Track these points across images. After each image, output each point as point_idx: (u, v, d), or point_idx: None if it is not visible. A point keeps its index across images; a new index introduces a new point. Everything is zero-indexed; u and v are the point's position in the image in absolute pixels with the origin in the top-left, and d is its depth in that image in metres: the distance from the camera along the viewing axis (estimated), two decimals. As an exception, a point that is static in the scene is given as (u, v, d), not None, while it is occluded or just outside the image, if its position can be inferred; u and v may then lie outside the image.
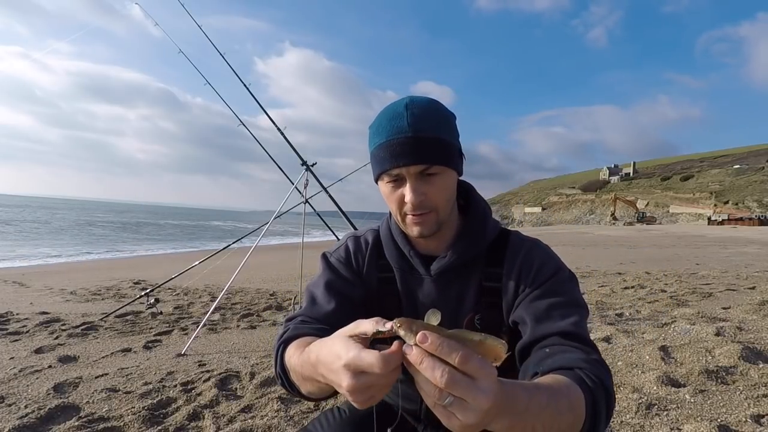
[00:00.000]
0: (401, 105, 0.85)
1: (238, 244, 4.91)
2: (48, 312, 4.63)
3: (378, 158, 0.86)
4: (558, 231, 40.64)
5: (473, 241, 0.92)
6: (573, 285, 0.88)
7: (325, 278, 0.98)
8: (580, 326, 0.80)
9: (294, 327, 0.87)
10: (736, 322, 3.58)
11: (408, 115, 0.83)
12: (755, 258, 10.70)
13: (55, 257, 14.56)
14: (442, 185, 0.85)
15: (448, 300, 0.94)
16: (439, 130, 0.84)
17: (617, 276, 7.36)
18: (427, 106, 0.85)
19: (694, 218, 70.25)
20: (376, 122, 0.87)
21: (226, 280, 3.96)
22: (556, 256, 0.92)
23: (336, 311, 0.91)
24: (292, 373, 0.77)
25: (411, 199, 0.84)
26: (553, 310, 0.82)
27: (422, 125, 0.82)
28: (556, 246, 15.78)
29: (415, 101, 0.85)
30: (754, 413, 2.03)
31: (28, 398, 2.36)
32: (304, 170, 3.94)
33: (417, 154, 0.82)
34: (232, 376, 2.72)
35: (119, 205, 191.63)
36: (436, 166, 0.83)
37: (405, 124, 0.82)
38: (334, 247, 1.06)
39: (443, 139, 0.84)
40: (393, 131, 0.83)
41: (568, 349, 0.75)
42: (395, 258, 0.97)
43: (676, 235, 25.21)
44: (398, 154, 0.82)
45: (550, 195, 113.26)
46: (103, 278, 7.66)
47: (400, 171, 0.83)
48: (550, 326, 0.80)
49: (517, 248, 0.93)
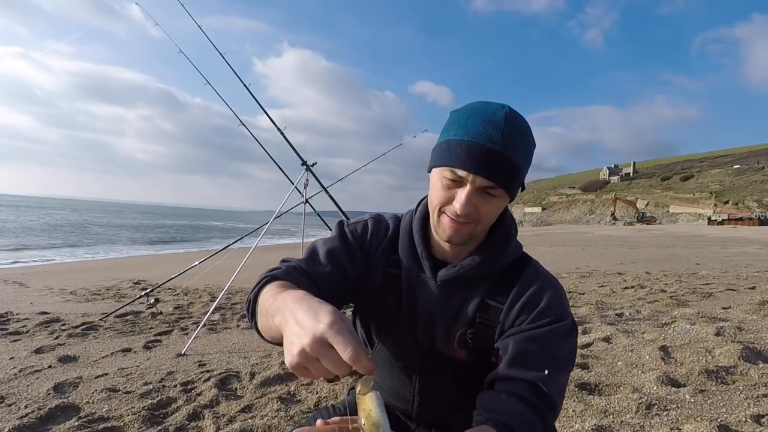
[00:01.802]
0: (501, 113, 0.79)
1: (238, 244, 4.91)
2: (48, 312, 4.63)
3: (451, 151, 0.80)
4: (558, 231, 40.64)
5: (488, 260, 0.89)
6: (567, 338, 0.85)
7: (332, 244, 0.96)
8: (549, 382, 0.79)
9: (285, 269, 0.85)
10: (736, 322, 3.59)
11: (505, 129, 0.78)
12: (755, 258, 10.70)
13: (55, 257, 14.56)
14: (495, 206, 0.83)
15: (448, 309, 0.92)
16: (523, 156, 0.81)
17: (617, 276, 7.36)
18: (523, 128, 0.81)
19: (694, 218, 70.24)
20: (466, 115, 0.81)
21: (226, 280, 3.96)
22: (565, 302, 0.89)
23: (328, 276, 0.90)
24: (260, 301, 0.77)
25: (461, 207, 0.80)
26: (533, 358, 0.81)
27: (513, 146, 0.78)
28: (556, 246, 15.82)
29: (515, 118, 0.80)
30: (754, 413, 2.03)
31: (28, 398, 2.36)
32: (304, 170, 3.94)
33: (493, 170, 0.78)
34: (232, 376, 2.72)
35: (119, 205, 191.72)
36: (501, 189, 0.80)
37: (498, 136, 0.77)
38: (354, 219, 1.03)
39: (521, 167, 0.81)
40: (483, 136, 0.78)
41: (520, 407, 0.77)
42: (407, 255, 0.94)
43: (676, 235, 25.21)
44: (476, 161, 0.77)
45: (550, 195, 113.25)
46: (103, 278, 7.66)
47: (466, 175, 0.79)
48: (522, 373, 0.80)
49: (530, 280, 0.89)
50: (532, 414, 0.77)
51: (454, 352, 0.92)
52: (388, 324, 0.97)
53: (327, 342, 0.54)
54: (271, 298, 0.72)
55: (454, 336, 0.92)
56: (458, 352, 0.92)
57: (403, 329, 0.96)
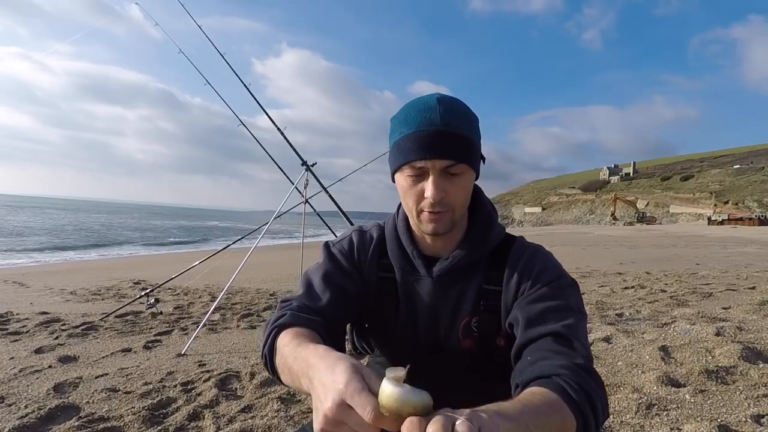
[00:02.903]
0: (433, 99, 0.83)
1: (238, 244, 4.91)
2: (48, 312, 4.63)
3: (403, 149, 0.83)
4: (558, 231, 40.63)
5: (477, 245, 0.91)
6: (573, 290, 0.87)
7: (324, 268, 0.97)
8: (572, 328, 0.78)
9: (291, 315, 0.84)
10: (736, 322, 3.58)
11: (441, 109, 0.81)
12: (755, 258, 10.70)
13: (55, 257, 14.57)
14: (463, 185, 0.85)
15: (447, 302, 0.94)
16: (470, 129, 0.84)
17: (617, 276, 7.36)
18: (457, 104, 0.85)
19: (694, 218, 70.24)
20: (403, 113, 0.85)
21: (226, 280, 3.96)
22: (558, 263, 0.91)
23: (331, 303, 0.91)
24: (279, 358, 0.76)
25: (432, 194, 0.81)
26: (547, 314, 0.81)
27: (454, 121, 0.81)
28: (556, 246, 15.82)
29: (446, 98, 0.84)
30: (754, 413, 2.03)
31: (28, 398, 2.36)
32: (304, 170, 3.94)
33: (447, 148, 0.80)
34: (232, 376, 2.72)
35: (119, 206, 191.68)
36: (461, 164, 0.82)
37: (437, 117, 0.81)
38: (338, 237, 1.05)
39: (471, 138, 0.83)
40: (424, 122, 0.81)
41: (550, 355, 0.74)
42: (397, 257, 0.96)
43: (676, 235, 25.21)
44: (427, 146, 0.80)
45: (550, 195, 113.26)
46: (103, 278, 7.66)
47: (425, 164, 0.81)
48: (541, 329, 0.79)
49: (519, 253, 0.92)
50: (563, 359, 0.73)
51: (459, 343, 0.93)
52: (389, 328, 0.98)
53: (347, 404, 0.52)
54: (291, 356, 0.70)
55: (458, 327, 0.93)
56: (464, 342, 0.93)
57: (404, 331, 0.96)
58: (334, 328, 0.88)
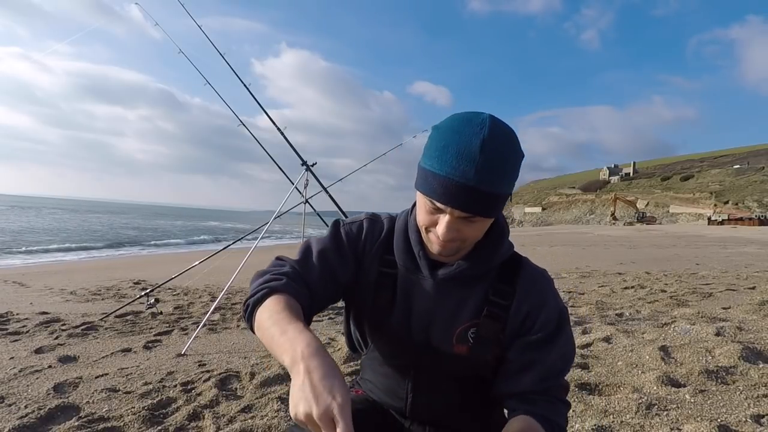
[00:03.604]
0: (477, 141, 0.75)
1: (238, 244, 4.91)
2: (48, 312, 4.63)
3: (429, 183, 0.80)
4: (558, 231, 40.63)
5: (485, 259, 0.91)
6: (568, 329, 0.94)
7: (324, 244, 0.97)
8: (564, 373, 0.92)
9: (287, 282, 0.87)
10: (736, 322, 3.59)
11: (480, 162, 0.75)
12: (755, 258, 10.70)
13: (55, 257, 14.57)
14: (478, 228, 0.84)
15: (445, 306, 0.94)
16: (503, 184, 0.79)
17: (617, 276, 7.36)
18: (503, 155, 0.77)
19: (694, 218, 70.23)
20: (442, 140, 0.79)
21: (226, 280, 3.96)
22: (558, 294, 0.97)
23: (321, 281, 0.93)
24: (262, 315, 0.80)
25: (443, 234, 0.82)
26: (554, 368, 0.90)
27: (489, 179, 0.76)
28: (556, 246, 15.83)
29: (495, 141, 0.76)
30: (754, 413, 2.03)
31: (28, 398, 2.36)
32: (304, 170, 3.95)
33: (471, 205, 0.78)
34: (232, 376, 2.72)
35: (119, 206, 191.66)
36: (480, 216, 0.81)
37: (472, 171, 0.75)
38: (350, 219, 1.05)
39: (501, 195, 0.79)
40: (457, 172, 0.76)
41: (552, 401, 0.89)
42: (402, 255, 0.95)
43: (676, 235, 25.21)
44: (452, 197, 0.77)
45: (550, 195, 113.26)
46: (103, 278, 7.66)
47: (444, 207, 0.79)
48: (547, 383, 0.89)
49: (531, 278, 0.95)
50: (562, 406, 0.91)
51: (452, 348, 0.93)
52: (381, 322, 0.98)
53: (333, 419, 0.61)
54: (277, 326, 0.75)
55: (452, 333, 0.93)
56: (457, 348, 0.93)
57: (397, 327, 0.96)
58: (316, 304, 0.92)
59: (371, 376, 1.07)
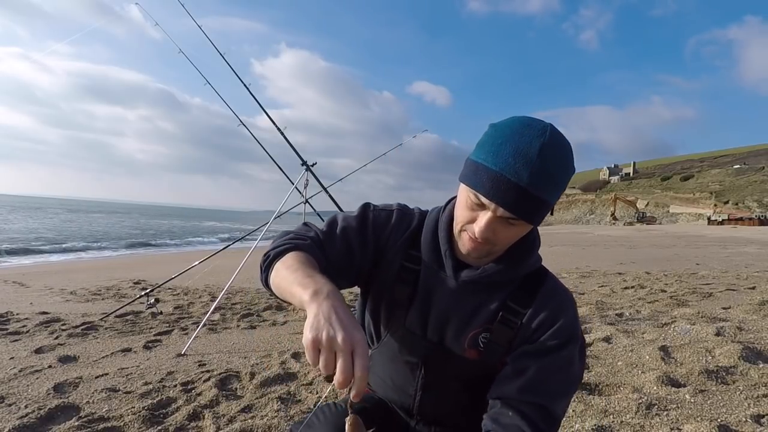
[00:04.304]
0: (536, 145, 0.75)
1: (238, 244, 4.91)
2: (48, 312, 4.62)
3: (479, 176, 0.79)
4: (558, 231, 40.63)
5: (512, 267, 0.90)
6: (578, 355, 0.90)
7: (349, 222, 0.97)
8: (558, 405, 0.87)
9: (312, 243, 0.90)
10: (736, 322, 3.58)
11: (536, 165, 0.75)
12: (755, 258, 10.70)
13: (55, 257, 14.58)
14: (515, 233, 0.83)
15: (464, 309, 0.93)
16: (551, 193, 0.78)
17: (617, 276, 7.36)
18: (558, 162, 0.77)
19: (694, 218, 70.22)
20: (500, 137, 0.78)
21: (226, 280, 3.96)
22: (577, 318, 0.94)
23: (337, 254, 0.93)
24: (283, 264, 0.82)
25: (480, 231, 0.81)
26: (547, 385, 0.86)
27: (541, 184, 0.76)
28: (556, 246, 15.83)
29: (553, 147, 0.76)
30: (754, 413, 2.03)
31: (28, 398, 2.36)
32: (304, 170, 3.94)
33: (517, 206, 0.77)
34: (232, 376, 2.72)
35: (119, 206, 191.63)
36: (522, 220, 0.80)
37: (526, 173, 0.74)
38: (382, 205, 1.03)
39: (547, 202, 0.79)
40: (511, 170, 0.75)
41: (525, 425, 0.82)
42: (429, 251, 0.95)
43: (676, 235, 25.21)
44: (500, 194, 0.76)
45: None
46: (103, 278, 7.66)
47: (489, 203, 0.78)
48: (534, 397, 0.85)
49: (552, 291, 0.93)
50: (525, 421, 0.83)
51: (463, 351, 0.93)
52: (397, 316, 0.97)
53: (352, 350, 0.63)
54: (300, 270, 0.77)
55: (466, 336, 0.93)
56: (467, 352, 0.93)
57: (412, 323, 0.96)
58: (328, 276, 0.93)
59: (380, 370, 1.06)
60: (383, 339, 1.02)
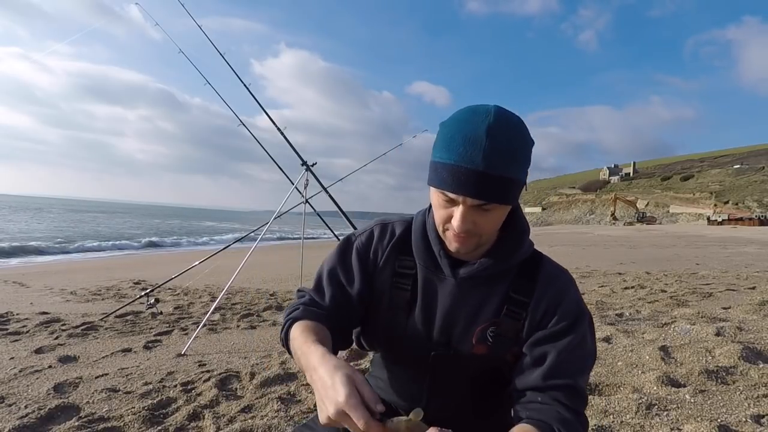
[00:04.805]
0: (483, 126, 0.76)
1: (238, 244, 4.91)
2: (48, 312, 4.62)
3: (439, 174, 0.80)
4: (558, 231, 40.62)
5: (506, 256, 0.91)
6: (590, 328, 0.92)
7: (331, 263, 1.01)
8: (582, 380, 0.88)
9: (303, 309, 0.94)
10: (736, 322, 3.59)
11: (487, 146, 0.75)
12: (755, 258, 10.70)
13: (55, 257, 14.59)
14: (494, 218, 0.83)
15: (467, 305, 0.93)
16: (512, 168, 0.78)
17: (617, 276, 7.37)
18: (510, 138, 0.78)
19: (694, 218, 70.24)
20: (449, 131, 0.80)
21: (226, 280, 3.96)
22: (580, 295, 0.94)
23: (332, 300, 0.97)
24: (291, 346, 0.88)
25: (458, 226, 0.81)
26: (569, 366, 0.87)
27: (497, 161, 0.76)
28: (556, 246, 15.83)
29: (500, 125, 0.77)
30: (754, 413, 2.03)
31: (28, 398, 2.36)
32: (304, 170, 3.94)
33: (482, 191, 0.77)
34: (232, 376, 2.72)
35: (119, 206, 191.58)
36: (494, 203, 0.80)
37: (480, 156, 0.75)
38: (360, 229, 1.05)
39: (512, 179, 0.79)
40: (464, 158, 0.76)
41: (557, 405, 0.83)
42: (423, 255, 0.95)
43: (676, 235, 25.21)
44: (462, 184, 0.77)
45: (550, 195, 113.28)
46: (103, 278, 7.66)
47: (457, 197, 0.80)
48: (558, 381, 0.85)
49: (551, 275, 0.94)
50: (568, 412, 0.82)
51: (472, 348, 0.93)
52: (399, 321, 0.97)
53: (345, 413, 0.66)
54: (299, 349, 0.83)
55: (473, 333, 0.92)
56: (476, 348, 0.93)
57: (416, 327, 0.96)
58: (339, 322, 0.95)
59: (384, 374, 1.06)
60: (389, 345, 1.01)
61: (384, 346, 1.02)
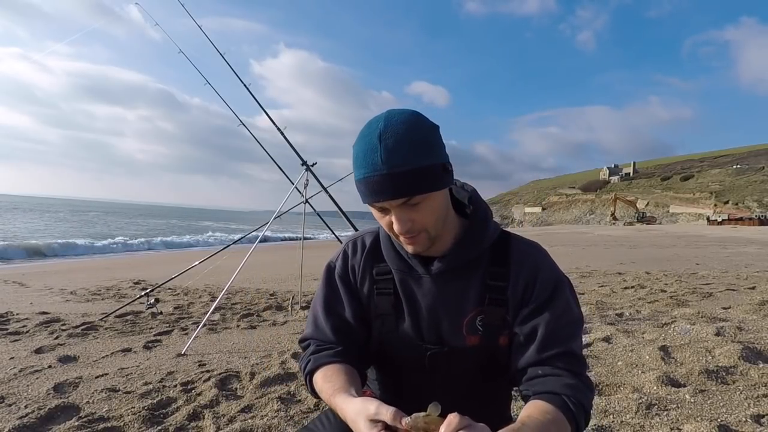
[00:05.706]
0: (375, 135, 0.81)
1: (238, 244, 4.91)
2: (48, 312, 4.63)
3: (360, 191, 0.85)
4: (558, 231, 40.64)
5: (473, 243, 0.93)
6: (571, 293, 0.93)
7: (322, 297, 1.03)
8: (577, 342, 0.90)
9: (314, 360, 0.96)
10: (736, 322, 3.59)
11: (381, 150, 0.79)
12: (755, 258, 10.70)
13: (55, 257, 14.60)
14: (429, 209, 0.85)
15: (449, 299, 0.94)
16: (416, 159, 0.80)
17: (617, 276, 7.36)
18: (402, 133, 0.80)
19: (694, 218, 70.24)
20: (354, 151, 0.85)
21: (226, 280, 3.96)
22: (554, 262, 0.96)
23: (336, 332, 0.99)
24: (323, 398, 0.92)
25: (398, 228, 0.85)
26: (559, 333, 0.88)
27: (397, 159, 0.79)
28: (556, 246, 15.82)
29: (390, 127, 0.80)
30: (754, 413, 2.03)
31: (28, 398, 2.36)
32: (304, 170, 3.95)
33: (395, 190, 0.80)
34: (232, 376, 2.72)
35: (119, 206, 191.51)
36: (417, 196, 0.82)
37: (379, 161, 0.79)
38: (334, 254, 1.07)
39: (421, 168, 0.80)
40: (368, 168, 0.81)
41: (559, 372, 0.86)
42: (394, 259, 0.97)
43: (676, 235, 25.21)
44: (377, 191, 0.81)
45: (550, 195, 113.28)
46: (103, 278, 7.66)
47: (382, 204, 0.84)
48: (553, 351, 0.87)
49: (523, 253, 0.95)
50: (571, 377, 0.85)
51: (464, 340, 0.94)
52: (388, 327, 0.98)
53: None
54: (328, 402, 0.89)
55: (461, 325, 0.93)
56: (468, 339, 0.93)
57: (406, 330, 0.97)
58: (348, 348, 0.97)
59: (382, 378, 1.07)
60: (385, 351, 1.02)
61: (381, 354, 1.03)
